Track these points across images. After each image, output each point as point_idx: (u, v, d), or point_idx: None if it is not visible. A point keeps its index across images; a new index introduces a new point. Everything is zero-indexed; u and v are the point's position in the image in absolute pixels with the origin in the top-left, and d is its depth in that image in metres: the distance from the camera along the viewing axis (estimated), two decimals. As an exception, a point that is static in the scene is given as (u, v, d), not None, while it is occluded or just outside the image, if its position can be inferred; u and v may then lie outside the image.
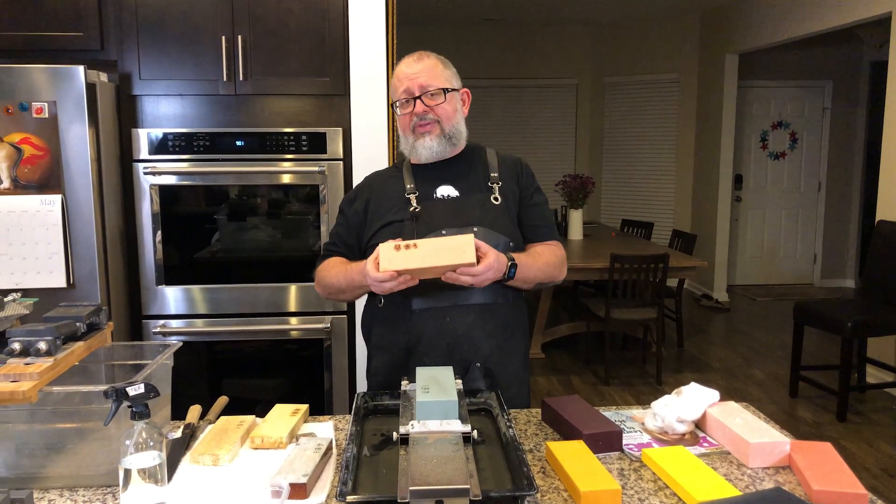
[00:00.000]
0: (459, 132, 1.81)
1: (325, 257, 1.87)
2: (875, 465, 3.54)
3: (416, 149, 1.79)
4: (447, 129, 1.78)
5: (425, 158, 1.80)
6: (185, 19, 2.79)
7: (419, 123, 1.77)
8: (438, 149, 1.78)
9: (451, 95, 1.79)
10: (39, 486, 1.31)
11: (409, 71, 1.77)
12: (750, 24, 6.43)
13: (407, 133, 1.80)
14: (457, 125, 1.80)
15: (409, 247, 1.54)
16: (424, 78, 1.76)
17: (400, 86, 1.78)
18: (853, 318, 4.04)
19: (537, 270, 1.76)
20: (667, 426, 1.51)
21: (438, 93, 1.76)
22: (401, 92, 1.78)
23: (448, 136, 1.79)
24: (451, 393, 1.36)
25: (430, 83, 1.76)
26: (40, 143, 2.55)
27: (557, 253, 1.85)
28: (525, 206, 1.85)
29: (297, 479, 1.25)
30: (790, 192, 7.69)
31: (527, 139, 8.08)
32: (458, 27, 7.80)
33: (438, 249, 1.54)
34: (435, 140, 1.77)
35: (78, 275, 2.61)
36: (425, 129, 1.77)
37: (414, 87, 1.76)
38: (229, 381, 2.99)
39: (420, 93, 1.75)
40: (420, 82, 1.75)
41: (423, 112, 1.76)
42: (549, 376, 4.92)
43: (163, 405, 1.55)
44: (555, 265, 1.82)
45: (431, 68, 1.78)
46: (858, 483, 1.26)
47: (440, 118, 1.77)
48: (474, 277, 1.57)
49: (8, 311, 1.46)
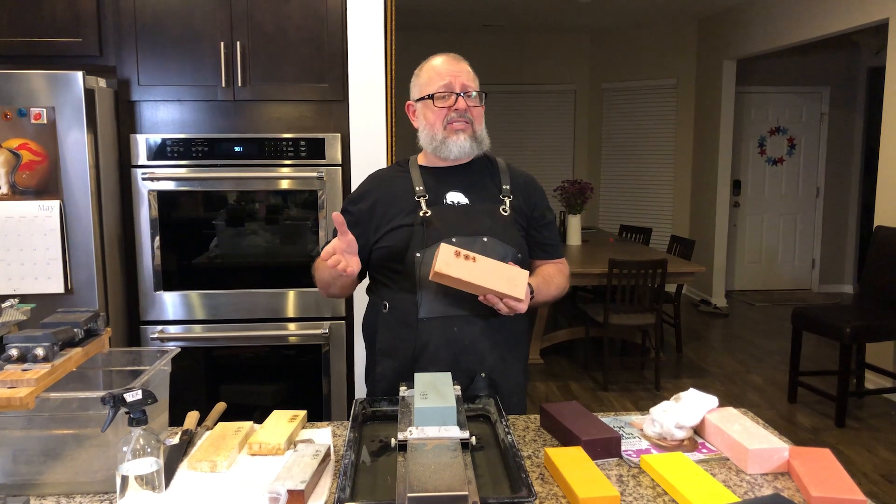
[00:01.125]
0: (485, 138, 1.83)
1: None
2: (874, 471, 3.54)
3: (446, 145, 1.77)
4: (478, 131, 1.80)
5: (454, 156, 1.79)
6: (184, 25, 2.79)
7: (455, 119, 1.76)
8: (469, 150, 1.79)
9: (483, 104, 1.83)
10: (36, 493, 1.31)
11: (451, 68, 1.78)
12: (747, 30, 6.45)
13: (436, 128, 1.78)
14: (484, 131, 1.83)
15: (468, 258, 1.57)
16: (466, 78, 1.78)
17: (439, 79, 1.77)
18: (851, 323, 4.04)
19: (547, 295, 1.82)
20: (665, 432, 1.51)
21: (478, 96, 1.79)
22: (440, 85, 1.77)
23: (479, 140, 1.80)
24: (449, 399, 1.36)
25: (471, 85, 1.79)
26: (39, 148, 2.55)
27: (564, 271, 1.92)
28: (537, 224, 1.87)
29: (295, 485, 1.24)
30: (788, 198, 7.70)
31: (525, 145, 8.10)
32: (457, 33, 7.82)
33: (494, 273, 1.58)
34: (468, 140, 1.78)
35: (76, 280, 2.61)
36: (460, 126, 1.77)
37: (456, 83, 1.76)
38: (227, 387, 2.98)
39: (461, 91, 1.76)
40: (463, 81, 1.77)
41: (464, 109, 1.76)
42: (547, 382, 4.91)
43: (160, 411, 1.54)
44: (562, 287, 1.88)
45: (470, 72, 1.81)
46: (857, 489, 1.26)
47: (474, 119, 1.79)
48: (510, 309, 1.62)
49: (5, 316, 1.46)
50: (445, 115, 1.77)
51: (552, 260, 1.91)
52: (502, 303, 1.60)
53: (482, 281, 1.56)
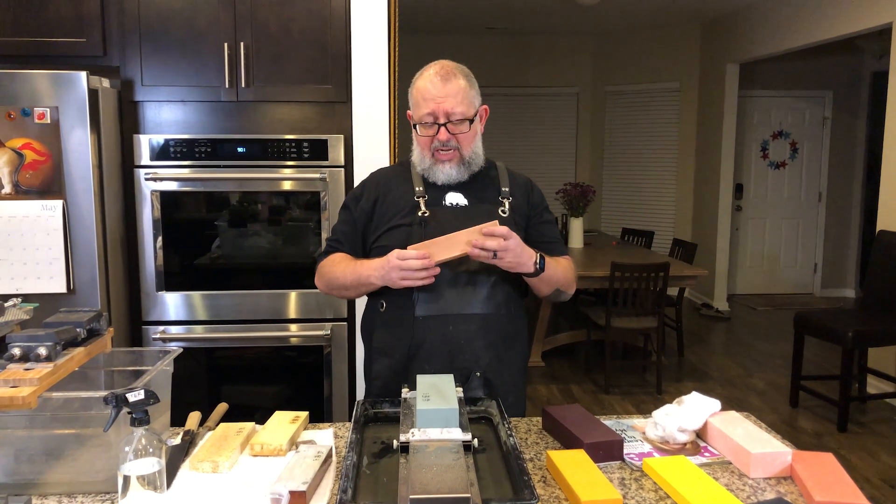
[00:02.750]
0: (478, 155, 1.81)
1: (327, 252, 1.87)
2: (875, 476, 3.53)
3: (433, 171, 1.78)
4: (466, 155, 1.77)
5: (441, 182, 1.78)
6: (188, 26, 2.80)
7: (439, 149, 1.75)
8: (457, 176, 1.78)
9: (475, 122, 1.77)
10: (38, 493, 1.30)
11: (435, 92, 1.71)
12: (751, 34, 6.45)
13: (425, 153, 1.78)
14: (475, 149, 1.79)
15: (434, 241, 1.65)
16: (451, 104, 1.71)
17: (424, 106, 1.73)
18: (854, 327, 4.04)
19: (558, 275, 1.80)
20: (668, 435, 1.50)
21: (463, 122, 1.73)
22: (425, 113, 1.73)
23: (467, 163, 1.78)
24: (451, 401, 1.36)
25: (456, 110, 1.72)
26: (42, 148, 2.55)
27: (570, 266, 1.89)
28: (535, 224, 1.87)
29: (296, 486, 1.24)
30: (791, 202, 7.69)
31: (528, 147, 8.10)
32: (460, 35, 7.83)
33: (465, 232, 1.63)
34: (454, 168, 1.77)
35: (78, 280, 2.61)
36: (446, 156, 1.76)
37: (439, 112, 1.71)
38: (229, 387, 2.98)
39: (445, 120, 1.72)
40: (446, 108, 1.71)
41: (446, 139, 1.73)
42: (548, 384, 4.90)
43: (162, 411, 1.54)
44: (568, 277, 1.86)
45: (458, 92, 1.72)
46: (860, 494, 1.25)
47: (461, 145, 1.75)
48: (501, 242, 1.60)
49: (8, 316, 1.46)
50: (430, 144, 1.76)
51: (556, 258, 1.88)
52: (483, 238, 1.60)
53: (454, 237, 1.62)
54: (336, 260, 1.81)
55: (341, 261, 1.80)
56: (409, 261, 1.60)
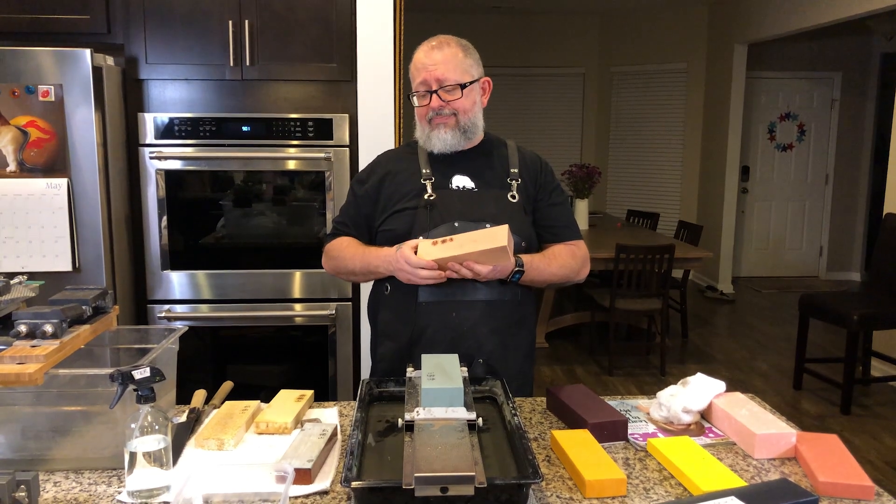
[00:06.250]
0: (476, 125, 1.78)
1: (334, 235, 1.86)
2: (879, 459, 3.54)
3: (430, 139, 1.76)
4: (463, 121, 1.75)
5: (438, 150, 1.76)
6: (193, 3, 2.77)
7: (435, 116, 1.74)
8: (452, 141, 1.75)
9: (470, 88, 1.74)
10: (45, 469, 1.31)
11: (426, 61, 1.72)
12: (759, 15, 6.38)
13: (423, 123, 1.77)
14: (473, 118, 1.77)
15: (445, 241, 1.60)
16: (442, 70, 1.70)
17: (417, 75, 1.74)
18: (859, 310, 4.03)
19: (549, 274, 1.76)
20: (672, 416, 1.51)
21: (455, 88, 1.72)
22: (418, 83, 1.74)
23: (463, 129, 1.75)
24: (456, 380, 1.36)
25: (448, 76, 1.71)
26: (46, 126, 2.54)
27: (577, 253, 1.83)
28: (543, 205, 1.83)
29: (301, 464, 1.25)
30: (797, 184, 7.65)
31: (533, 128, 8.05)
32: (466, 15, 7.76)
33: (474, 239, 1.59)
34: (449, 133, 1.74)
35: (83, 259, 2.61)
36: (440, 120, 1.74)
37: (431, 79, 1.71)
38: (234, 366, 3.00)
39: (437, 87, 1.71)
40: (437, 75, 1.71)
41: (439, 107, 1.72)
42: (552, 366, 4.92)
43: (168, 389, 1.55)
44: (571, 267, 1.81)
45: (450, 58, 1.71)
46: (865, 475, 1.25)
47: (457, 111, 1.73)
48: (479, 274, 1.59)
49: (14, 293, 1.46)
50: (426, 113, 1.75)
51: (564, 243, 1.83)
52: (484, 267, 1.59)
53: (465, 249, 1.57)
54: (344, 244, 1.80)
55: (349, 245, 1.79)
56: (418, 270, 1.59)
